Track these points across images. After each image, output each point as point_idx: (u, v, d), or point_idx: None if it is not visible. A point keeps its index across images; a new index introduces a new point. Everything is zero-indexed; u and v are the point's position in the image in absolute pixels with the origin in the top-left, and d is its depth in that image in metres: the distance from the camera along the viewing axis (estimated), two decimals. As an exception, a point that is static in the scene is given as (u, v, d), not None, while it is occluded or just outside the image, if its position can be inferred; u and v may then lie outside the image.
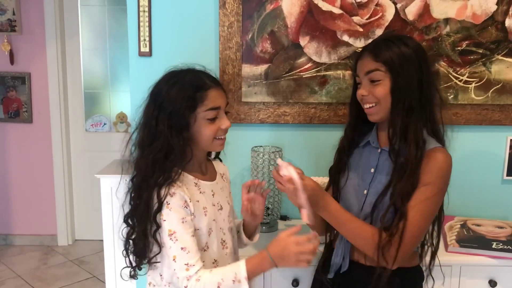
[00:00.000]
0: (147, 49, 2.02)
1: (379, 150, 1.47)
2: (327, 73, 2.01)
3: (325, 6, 1.96)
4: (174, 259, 1.28)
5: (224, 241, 1.44)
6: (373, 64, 1.39)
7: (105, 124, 4.06)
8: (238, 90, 2.02)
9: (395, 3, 1.96)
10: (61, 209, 4.00)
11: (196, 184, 1.38)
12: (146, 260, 1.37)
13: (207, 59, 2.01)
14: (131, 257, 1.40)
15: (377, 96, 1.39)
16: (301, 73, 2.01)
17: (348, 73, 2.01)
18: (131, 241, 1.39)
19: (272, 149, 2.00)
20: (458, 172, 2.08)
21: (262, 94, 2.02)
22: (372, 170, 1.46)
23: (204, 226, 1.35)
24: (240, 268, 1.27)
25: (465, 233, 1.91)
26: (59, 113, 3.88)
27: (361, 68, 1.43)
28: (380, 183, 1.42)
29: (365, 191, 1.45)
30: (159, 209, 1.29)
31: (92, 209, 4.00)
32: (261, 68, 2.00)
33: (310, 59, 2.00)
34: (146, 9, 1.98)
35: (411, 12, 1.96)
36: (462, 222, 2.01)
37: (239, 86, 2.01)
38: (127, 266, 1.42)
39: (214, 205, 1.42)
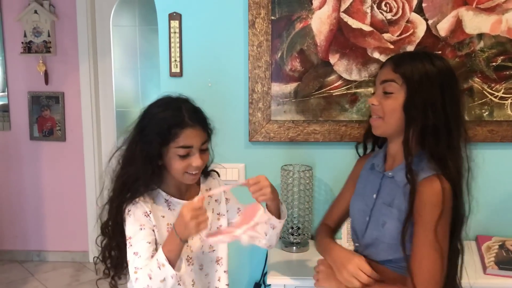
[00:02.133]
0: (178, 70, 2.04)
1: (382, 175, 1.40)
2: (357, 90, 1.99)
3: (355, 24, 1.95)
4: (127, 262, 1.38)
5: (190, 258, 1.49)
6: (391, 74, 1.31)
7: (135, 141, 4.10)
8: (268, 108, 2.01)
9: (426, 20, 1.93)
10: (92, 225, 4.03)
11: (167, 200, 1.47)
12: (124, 271, 1.47)
13: (237, 78, 2.03)
14: (109, 266, 1.50)
15: (384, 109, 1.32)
16: (331, 91, 2.00)
17: (379, 90, 1.98)
18: (107, 252, 1.48)
19: (302, 168, 1.98)
20: (494, 191, 2.03)
21: (291, 113, 2.01)
22: (374, 195, 1.39)
23: (163, 240, 1.39)
24: (159, 254, 1.32)
25: (504, 254, 1.84)
26: (92, 131, 3.94)
27: (379, 76, 1.37)
28: (380, 213, 1.35)
29: (367, 218, 1.39)
30: (122, 223, 1.41)
31: (123, 226, 4.02)
32: (291, 87, 2.00)
33: (340, 77, 1.98)
34: (177, 30, 2.01)
35: (443, 28, 1.93)
36: (500, 243, 1.94)
37: (268, 104, 2.01)
38: (105, 277, 1.51)
39: None
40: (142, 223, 1.40)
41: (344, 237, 1.84)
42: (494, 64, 1.94)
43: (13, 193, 3.98)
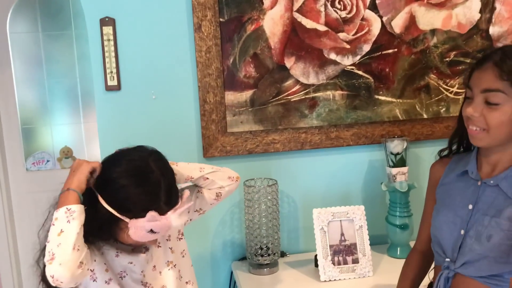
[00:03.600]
0: (114, 82, 1.78)
1: (479, 183, 1.23)
2: (316, 94, 1.87)
3: (309, 24, 1.82)
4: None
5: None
6: (496, 82, 1.13)
7: (48, 161, 3.68)
8: (222, 120, 1.83)
9: (381, 17, 1.86)
10: (4, 263, 3.56)
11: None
12: None
13: (185, 88, 1.83)
14: None
15: (489, 122, 1.15)
16: (289, 97, 1.86)
17: (338, 93, 1.88)
18: None
19: (266, 182, 1.82)
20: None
21: (249, 123, 1.84)
22: (470, 206, 1.22)
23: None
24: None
25: None
26: (-5, 154, 3.47)
27: (478, 82, 1.17)
28: (482, 225, 1.18)
29: (462, 231, 1.22)
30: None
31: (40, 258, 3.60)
32: (246, 95, 1.83)
33: (297, 81, 1.85)
34: (111, 37, 1.75)
35: (397, 25, 1.87)
36: None
37: (223, 115, 1.82)
38: None
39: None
40: None
41: (320, 253, 1.71)
42: (447, 59, 1.93)
43: None
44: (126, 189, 1.16)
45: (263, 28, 1.80)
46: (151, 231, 1.15)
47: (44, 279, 1.21)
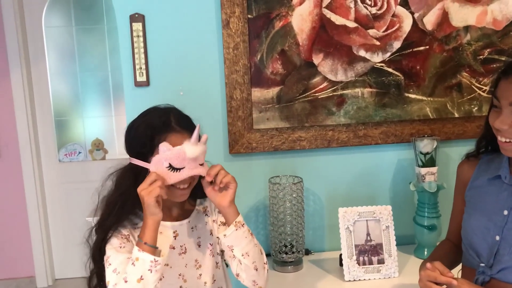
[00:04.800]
0: (144, 78, 1.80)
1: None
2: (344, 92, 1.85)
3: (339, 20, 1.80)
4: (108, 284, 1.17)
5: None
6: None
7: (80, 152, 3.77)
8: (248, 116, 1.83)
9: (412, 13, 1.82)
10: (38, 248, 3.68)
11: None
12: None
13: (212, 85, 1.83)
14: None
15: None
16: (316, 94, 1.84)
17: (366, 90, 1.85)
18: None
19: (291, 179, 1.82)
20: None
21: (275, 120, 1.84)
22: (506, 212, 1.21)
23: None
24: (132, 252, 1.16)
25: None
26: (29, 145, 3.56)
27: (506, 94, 1.15)
28: None
29: (497, 237, 1.21)
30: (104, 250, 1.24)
31: (71, 245, 3.70)
32: (273, 91, 1.82)
33: (325, 78, 1.83)
34: (141, 33, 1.76)
35: (429, 22, 1.83)
36: None
37: (249, 112, 1.82)
38: None
39: (173, 248, 1.30)
40: (121, 243, 1.23)
41: (345, 252, 1.70)
42: (481, 57, 1.87)
43: None
44: (140, 126, 1.24)
45: (291, 25, 1.78)
46: (170, 166, 1.18)
47: (93, 257, 1.28)
